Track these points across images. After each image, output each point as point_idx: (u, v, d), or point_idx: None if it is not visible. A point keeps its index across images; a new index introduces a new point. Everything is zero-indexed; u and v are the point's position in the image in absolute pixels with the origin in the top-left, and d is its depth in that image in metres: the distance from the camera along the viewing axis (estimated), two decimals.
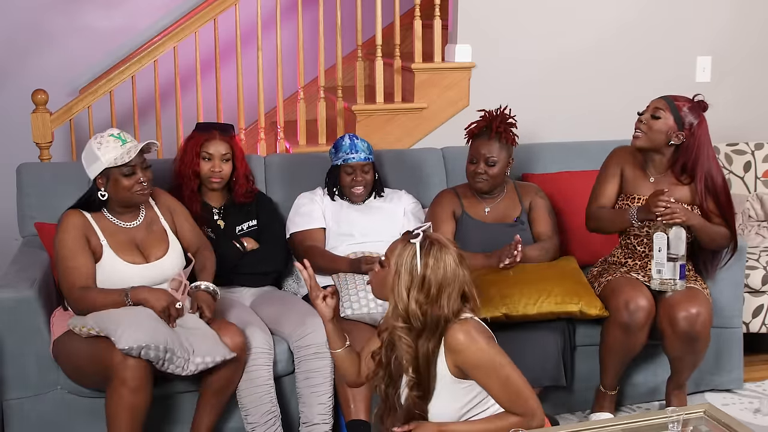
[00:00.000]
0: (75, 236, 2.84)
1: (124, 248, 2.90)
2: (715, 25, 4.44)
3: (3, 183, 3.88)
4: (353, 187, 3.45)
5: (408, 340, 2.30)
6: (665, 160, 3.24)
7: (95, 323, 2.73)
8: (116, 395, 2.66)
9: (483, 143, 3.35)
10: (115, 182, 2.86)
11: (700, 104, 3.22)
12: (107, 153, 2.84)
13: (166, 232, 3.02)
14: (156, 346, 2.63)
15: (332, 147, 3.51)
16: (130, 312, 2.74)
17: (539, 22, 4.29)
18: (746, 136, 4.39)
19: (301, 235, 3.42)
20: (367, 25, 4.39)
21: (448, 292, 2.28)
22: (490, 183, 3.38)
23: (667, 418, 2.43)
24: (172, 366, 2.69)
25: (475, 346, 2.28)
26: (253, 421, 2.95)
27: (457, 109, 4.25)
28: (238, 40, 4.15)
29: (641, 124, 3.22)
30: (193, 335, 2.78)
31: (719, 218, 3.20)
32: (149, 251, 2.94)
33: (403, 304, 2.28)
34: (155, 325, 2.70)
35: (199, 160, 3.32)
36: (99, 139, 2.87)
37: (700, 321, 3.07)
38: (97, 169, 2.85)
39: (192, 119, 4.02)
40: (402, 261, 2.29)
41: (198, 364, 2.73)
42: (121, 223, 2.94)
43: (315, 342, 3.02)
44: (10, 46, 4.76)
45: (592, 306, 3.13)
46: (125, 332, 2.62)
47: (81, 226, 2.86)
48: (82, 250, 2.83)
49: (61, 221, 2.88)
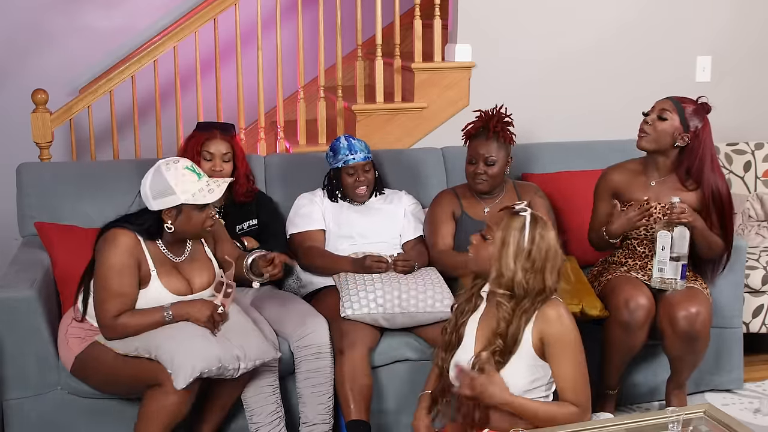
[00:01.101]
0: (126, 260, 2.71)
1: (171, 277, 2.81)
2: (715, 25, 4.44)
3: (3, 183, 3.88)
4: (357, 187, 3.44)
5: (508, 306, 2.43)
6: (669, 162, 3.24)
7: (144, 350, 2.69)
8: (160, 402, 2.64)
9: (481, 143, 3.35)
10: (188, 217, 2.75)
11: (704, 106, 3.22)
12: (185, 187, 2.71)
13: (210, 261, 2.95)
14: (209, 369, 2.63)
15: (329, 150, 3.50)
16: (175, 334, 2.69)
17: (539, 22, 4.28)
18: (746, 136, 4.39)
19: (301, 236, 3.42)
20: (367, 24, 4.39)
21: (550, 266, 2.43)
22: (490, 183, 3.38)
23: (667, 418, 2.43)
24: (223, 376, 2.71)
25: (567, 322, 2.45)
26: (258, 421, 2.95)
27: (457, 109, 4.25)
28: (238, 39, 4.15)
29: (647, 125, 3.21)
30: (240, 337, 2.76)
31: (717, 230, 3.19)
32: (194, 280, 2.86)
33: (510, 273, 2.41)
34: (203, 345, 2.67)
35: (200, 160, 3.32)
36: (173, 171, 2.72)
37: (700, 320, 3.08)
38: (171, 203, 2.71)
39: (192, 119, 4.02)
40: (510, 232, 2.41)
41: (248, 367, 2.75)
42: (170, 255, 2.84)
43: (315, 342, 3.03)
44: (10, 46, 4.76)
45: (592, 307, 3.13)
46: (181, 369, 2.60)
47: (134, 249, 2.73)
48: (130, 275, 2.72)
49: (110, 237, 2.74)
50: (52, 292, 3.09)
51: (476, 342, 2.50)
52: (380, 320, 3.12)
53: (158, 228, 2.78)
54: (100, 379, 2.85)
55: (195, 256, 2.91)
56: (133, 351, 2.71)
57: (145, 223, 2.77)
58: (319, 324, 3.08)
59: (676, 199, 3.07)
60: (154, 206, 2.75)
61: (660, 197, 3.21)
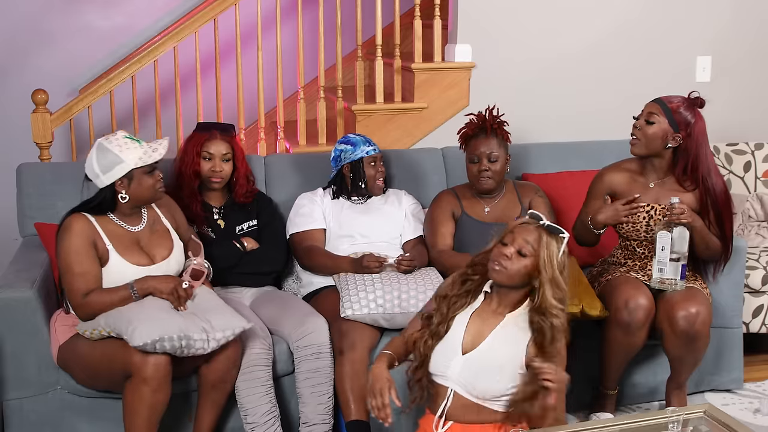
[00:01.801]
0: (81, 241, 2.78)
1: (130, 251, 2.87)
2: (714, 25, 4.44)
3: (3, 183, 3.88)
4: (378, 178, 3.48)
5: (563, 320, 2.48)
6: (665, 163, 3.23)
7: (106, 324, 2.73)
8: (137, 393, 2.66)
9: (481, 142, 3.36)
10: (139, 183, 2.83)
11: (696, 101, 3.20)
12: (130, 154, 2.80)
13: (168, 231, 3.01)
14: (170, 337, 2.64)
15: (344, 146, 3.49)
16: (138, 307, 2.74)
17: (539, 22, 4.29)
18: (746, 136, 4.39)
19: (301, 236, 3.42)
20: (367, 25, 4.39)
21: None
22: (494, 180, 3.38)
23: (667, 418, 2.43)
24: (192, 350, 2.70)
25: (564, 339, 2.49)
26: (253, 422, 2.95)
27: (457, 109, 4.25)
28: (238, 40, 4.15)
29: (636, 131, 3.20)
30: (208, 312, 2.79)
31: (716, 228, 3.18)
32: (154, 252, 2.93)
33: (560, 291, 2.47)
34: (166, 316, 2.70)
35: (200, 160, 3.32)
36: (114, 142, 2.81)
37: (700, 320, 3.07)
38: (122, 171, 2.79)
39: (192, 119, 4.02)
40: (553, 252, 2.47)
41: (219, 339, 2.75)
42: (127, 226, 2.90)
43: (315, 342, 3.03)
44: (10, 46, 4.76)
45: (593, 307, 3.13)
46: (137, 329, 2.62)
47: (87, 230, 2.81)
48: (88, 255, 2.79)
49: (64, 226, 2.82)
50: (52, 292, 3.09)
51: (465, 336, 2.52)
52: (380, 320, 3.12)
53: (112, 202, 2.85)
54: (81, 371, 2.87)
55: (154, 227, 2.97)
56: (98, 329, 2.74)
57: (95, 200, 2.85)
58: (319, 324, 3.08)
59: (675, 199, 3.07)
60: (105, 181, 2.82)
61: (659, 199, 3.21)
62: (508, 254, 2.47)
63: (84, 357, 2.81)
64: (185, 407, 3.01)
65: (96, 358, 2.78)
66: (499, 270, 2.48)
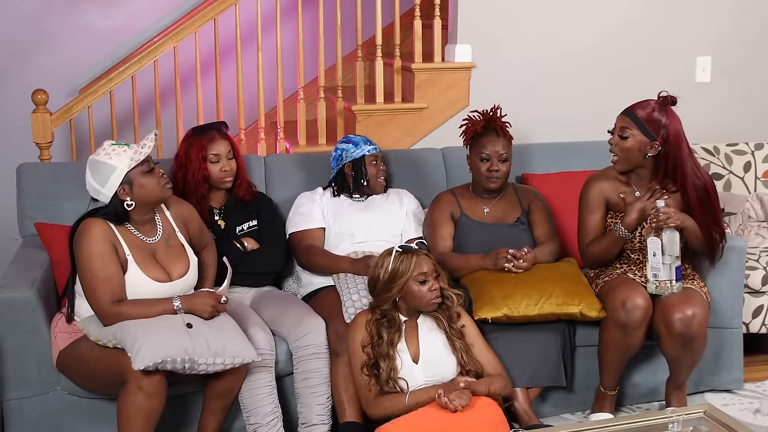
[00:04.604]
0: (104, 245, 2.72)
1: (148, 264, 2.82)
2: (714, 26, 4.44)
3: (3, 183, 3.88)
4: (380, 176, 3.50)
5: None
6: (648, 172, 3.21)
7: (114, 336, 2.69)
8: (131, 399, 2.63)
9: (491, 140, 3.35)
10: (140, 185, 2.78)
11: (666, 100, 3.18)
12: (120, 159, 2.76)
13: (184, 247, 2.96)
14: (173, 360, 2.61)
15: (345, 145, 3.51)
16: (147, 323, 2.69)
17: (539, 23, 4.29)
18: (746, 136, 4.39)
19: (301, 235, 3.42)
20: (367, 25, 4.39)
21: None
22: (502, 180, 3.39)
23: (667, 418, 2.43)
24: (195, 371, 2.69)
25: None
26: (255, 422, 2.95)
27: (457, 109, 4.25)
28: (238, 40, 4.15)
29: (614, 147, 3.19)
30: (223, 335, 2.76)
31: (709, 225, 3.16)
32: (171, 268, 2.88)
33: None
34: (173, 334, 2.66)
35: (207, 164, 3.29)
36: (102, 153, 2.78)
37: (696, 322, 3.06)
38: (118, 178, 2.75)
39: (192, 119, 4.03)
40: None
41: (227, 365, 2.73)
42: (143, 237, 2.85)
43: (313, 342, 3.02)
44: (10, 46, 4.76)
45: (592, 308, 3.13)
46: (141, 349, 2.58)
47: (108, 235, 2.76)
48: (112, 259, 2.73)
49: (82, 229, 2.76)
50: (52, 292, 3.09)
51: (410, 351, 2.89)
52: None
53: (124, 213, 2.81)
54: (79, 375, 2.86)
55: (169, 242, 2.93)
56: (109, 338, 2.70)
57: (110, 211, 2.80)
58: (317, 324, 3.07)
59: (660, 203, 3.06)
60: (108, 193, 2.79)
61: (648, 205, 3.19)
62: (436, 287, 2.88)
63: (82, 362, 2.80)
64: (185, 408, 3.02)
65: (92, 363, 2.76)
66: (438, 300, 2.90)
